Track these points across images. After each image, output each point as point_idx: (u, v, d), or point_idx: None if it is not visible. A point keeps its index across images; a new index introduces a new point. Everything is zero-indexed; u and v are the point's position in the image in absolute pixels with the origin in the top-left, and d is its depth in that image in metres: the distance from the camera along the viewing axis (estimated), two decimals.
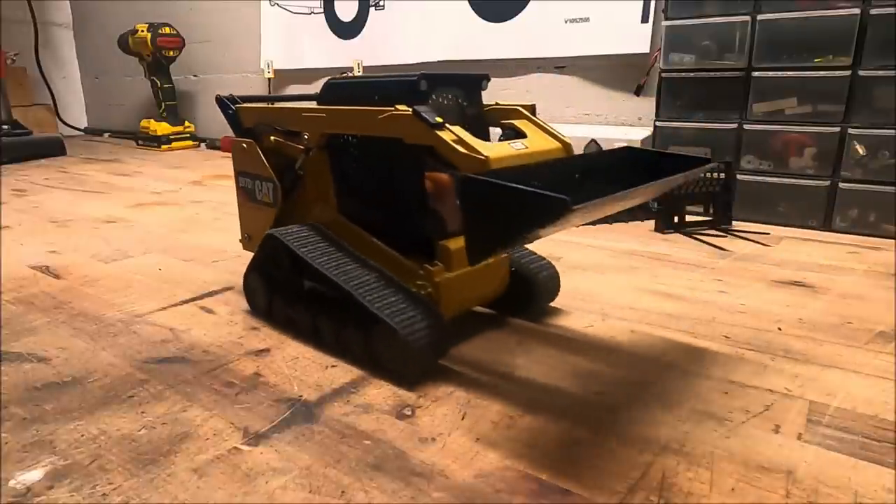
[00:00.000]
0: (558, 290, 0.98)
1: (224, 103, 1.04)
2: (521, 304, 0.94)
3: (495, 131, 0.88)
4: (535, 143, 0.80)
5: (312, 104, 0.95)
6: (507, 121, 0.87)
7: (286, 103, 1.04)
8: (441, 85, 0.85)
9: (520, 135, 0.83)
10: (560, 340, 0.86)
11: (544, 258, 0.96)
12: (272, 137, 0.99)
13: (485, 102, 0.92)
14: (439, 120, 0.74)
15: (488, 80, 0.92)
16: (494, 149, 0.73)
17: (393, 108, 0.77)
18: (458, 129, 0.74)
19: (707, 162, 0.80)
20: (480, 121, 0.91)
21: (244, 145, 1.01)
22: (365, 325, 0.77)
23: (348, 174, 0.90)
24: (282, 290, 0.92)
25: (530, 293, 0.93)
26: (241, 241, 1.10)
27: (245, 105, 1.02)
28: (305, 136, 0.95)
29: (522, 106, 0.88)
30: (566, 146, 0.81)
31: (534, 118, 0.87)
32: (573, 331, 0.89)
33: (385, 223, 0.87)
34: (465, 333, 0.88)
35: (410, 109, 0.75)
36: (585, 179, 0.80)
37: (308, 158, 0.94)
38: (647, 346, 0.84)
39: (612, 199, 0.61)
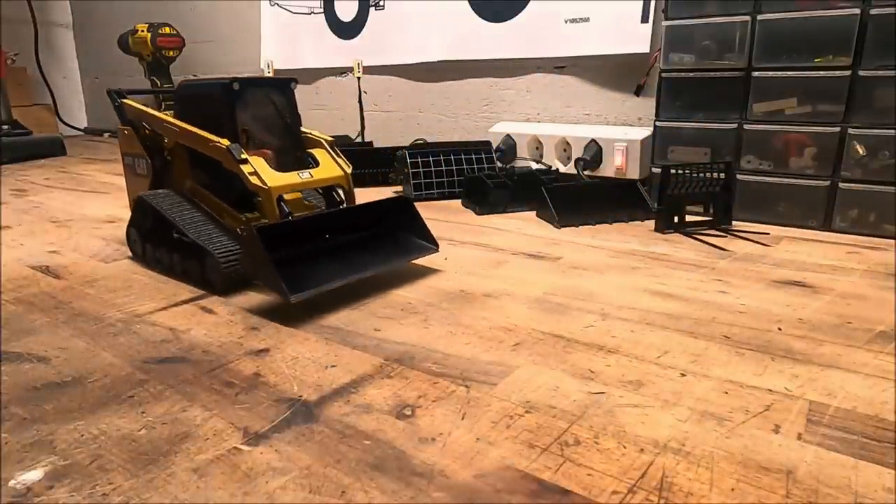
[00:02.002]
0: None
1: (112, 96, 1.32)
2: None
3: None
4: (321, 172, 1.13)
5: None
6: (310, 149, 1.18)
7: (154, 111, 1.27)
8: (253, 86, 1.14)
9: (316, 162, 1.15)
10: (559, 341, 0.86)
11: None
12: (146, 130, 1.29)
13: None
14: (244, 156, 1.05)
15: (296, 82, 1.21)
16: (280, 179, 1.06)
17: (217, 140, 1.07)
18: (258, 162, 1.06)
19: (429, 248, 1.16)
20: (297, 129, 1.20)
21: (126, 132, 1.32)
22: (197, 256, 1.07)
23: (198, 159, 1.18)
24: (150, 238, 1.19)
25: None
26: (130, 207, 1.31)
27: (128, 102, 1.31)
28: (166, 140, 1.26)
29: (324, 139, 1.20)
30: (346, 175, 1.16)
31: (330, 149, 1.19)
32: (572, 329, 0.89)
33: (222, 187, 1.17)
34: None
35: (228, 144, 1.05)
36: (359, 224, 1.13)
37: (172, 149, 1.26)
38: (647, 345, 0.84)
39: (333, 286, 0.97)
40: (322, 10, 2.63)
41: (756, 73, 1.47)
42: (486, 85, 2.24)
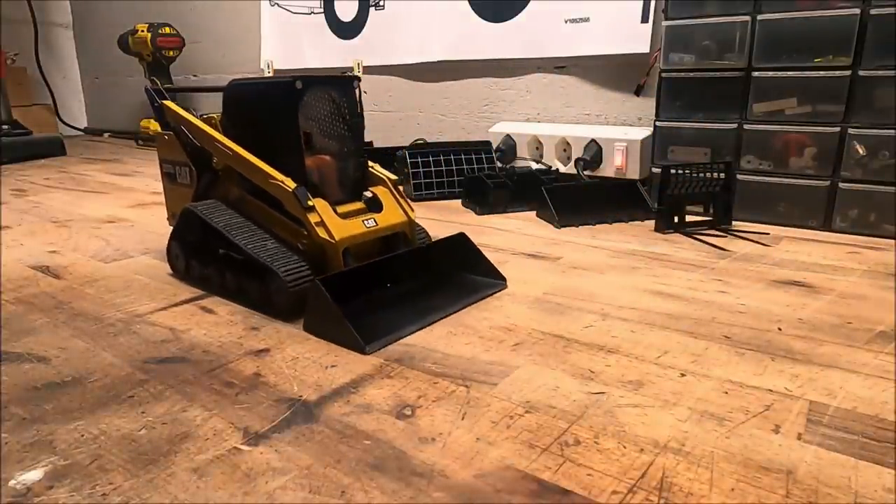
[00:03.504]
0: None
1: (151, 95, 1.21)
2: None
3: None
4: (385, 219, 1.06)
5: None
6: (374, 187, 1.11)
7: (202, 124, 1.14)
8: (316, 85, 1.04)
9: (378, 205, 1.07)
10: (559, 341, 0.86)
11: (423, 228, 1.19)
12: (189, 137, 1.17)
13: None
14: (311, 203, 0.97)
15: (359, 80, 1.13)
16: (346, 229, 0.99)
17: (281, 180, 0.98)
18: (323, 208, 0.98)
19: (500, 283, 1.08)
20: (359, 132, 1.12)
21: (166, 137, 1.20)
22: (257, 275, 0.97)
23: None
24: (196, 254, 1.10)
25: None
26: (167, 219, 1.27)
27: (169, 104, 1.18)
28: (215, 161, 1.14)
29: (388, 177, 1.12)
30: (411, 220, 1.09)
31: (394, 190, 1.11)
32: (572, 329, 0.89)
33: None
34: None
35: (294, 186, 0.97)
36: (425, 266, 1.06)
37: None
38: (647, 345, 0.84)
39: (404, 335, 0.88)
40: (322, 10, 2.63)
41: (756, 73, 1.47)
42: (486, 85, 2.24)
